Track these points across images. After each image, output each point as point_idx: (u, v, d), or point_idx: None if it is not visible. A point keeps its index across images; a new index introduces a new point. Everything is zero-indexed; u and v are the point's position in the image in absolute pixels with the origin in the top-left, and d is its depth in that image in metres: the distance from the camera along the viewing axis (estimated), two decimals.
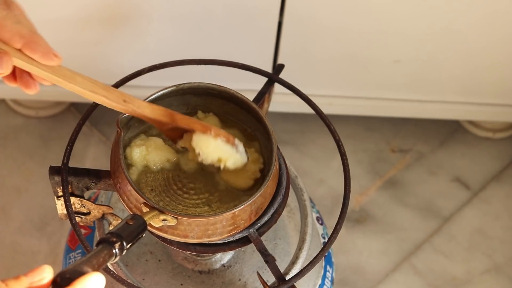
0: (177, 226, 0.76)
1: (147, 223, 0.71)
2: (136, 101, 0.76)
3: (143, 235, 0.69)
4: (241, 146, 0.80)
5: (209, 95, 0.84)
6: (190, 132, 0.80)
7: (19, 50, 0.69)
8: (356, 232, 1.35)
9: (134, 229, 0.68)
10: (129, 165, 0.81)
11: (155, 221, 0.75)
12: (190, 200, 0.81)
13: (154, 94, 0.80)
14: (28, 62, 0.69)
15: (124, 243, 0.65)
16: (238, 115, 0.85)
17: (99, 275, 0.57)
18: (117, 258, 0.64)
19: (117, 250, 0.64)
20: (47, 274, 0.56)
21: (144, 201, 0.75)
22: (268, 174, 0.77)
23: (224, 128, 0.84)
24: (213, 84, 0.83)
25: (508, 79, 1.26)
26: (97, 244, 0.63)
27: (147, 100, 0.79)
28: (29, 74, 0.73)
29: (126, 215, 0.71)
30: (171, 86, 0.82)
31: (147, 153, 0.81)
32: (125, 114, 0.77)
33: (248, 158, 0.81)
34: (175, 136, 0.81)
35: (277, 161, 0.80)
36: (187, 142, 0.80)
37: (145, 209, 0.75)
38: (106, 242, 0.64)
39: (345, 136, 1.43)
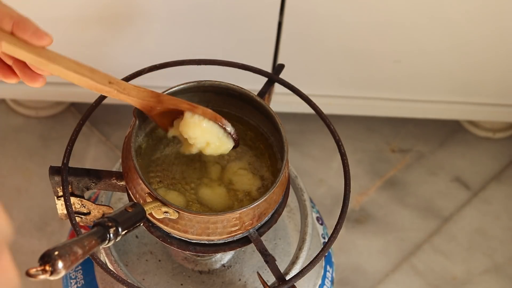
0: (178, 220, 0.77)
1: (148, 212, 0.71)
2: (122, 83, 0.76)
3: (141, 224, 0.69)
4: (229, 127, 0.80)
5: (229, 96, 0.84)
6: (179, 118, 0.80)
7: (8, 33, 0.69)
8: (356, 232, 1.35)
9: (132, 216, 0.67)
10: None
11: (157, 212, 0.75)
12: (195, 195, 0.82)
13: (175, 87, 0.81)
14: (16, 45, 0.69)
15: (119, 229, 0.64)
16: (256, 119, 0.86)
17: None
18: (111, 243, 0.64)
19: (111, 234, 0.63)
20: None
21: (149, 191, 0.75)
22: (276, 181, 0.77)
23: (256, 153, 0.85)
24: (234, 85, 0.83)
25: (508, 79, 1.26)
26: (92, 227, 0.63)
27: (168, 92, 0.80)
28: (28, 67, 0.73)
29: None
30: (192, 82, 0.82)
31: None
32: None
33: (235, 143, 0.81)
34: (165, 124, 0.81)
35: (287, 169, 0.80)
36: (177, 130, 0.80)
37: (148, 199, 0.75)
38: (101, 225, 0.63)
39: (345, 136, 1.43)
